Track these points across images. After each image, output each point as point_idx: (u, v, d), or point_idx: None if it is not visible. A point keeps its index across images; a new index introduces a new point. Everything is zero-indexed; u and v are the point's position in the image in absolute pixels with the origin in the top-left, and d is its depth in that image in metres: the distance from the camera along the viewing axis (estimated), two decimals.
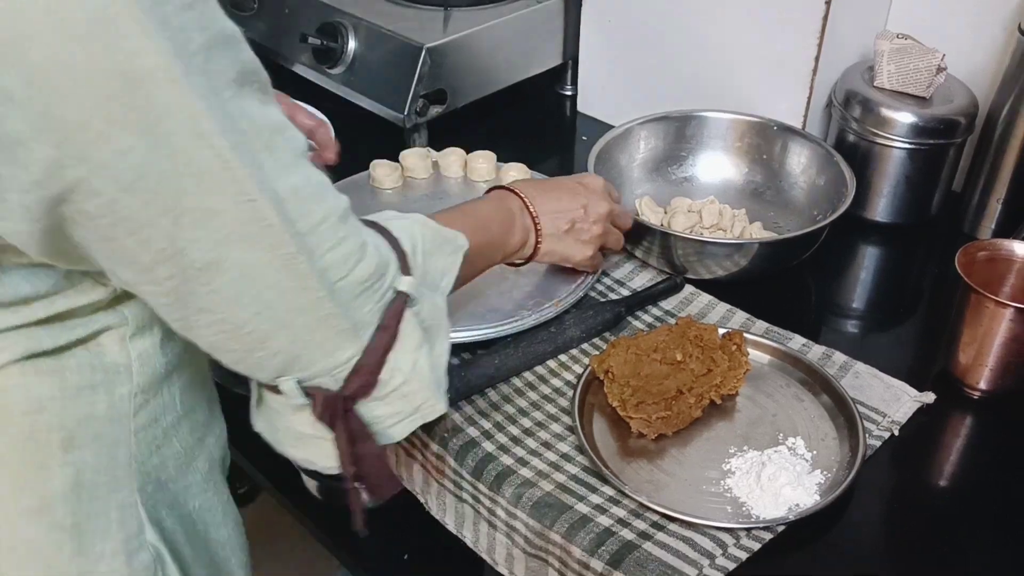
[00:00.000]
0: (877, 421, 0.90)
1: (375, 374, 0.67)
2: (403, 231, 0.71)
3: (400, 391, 0.69)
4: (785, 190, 1.20)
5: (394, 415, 0.71)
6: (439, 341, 0.74)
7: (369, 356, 0.66)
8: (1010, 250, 0.96)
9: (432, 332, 0.72)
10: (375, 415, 0.70)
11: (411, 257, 0.70)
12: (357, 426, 0.69)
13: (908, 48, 1.13)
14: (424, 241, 0.73)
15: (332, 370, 0.65)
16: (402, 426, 0.72)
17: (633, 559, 0.76)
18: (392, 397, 0.69)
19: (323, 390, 0.66)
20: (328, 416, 0.67)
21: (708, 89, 1.27)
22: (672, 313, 1.04)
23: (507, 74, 1.38)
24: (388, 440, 0.72)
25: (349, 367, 0.66)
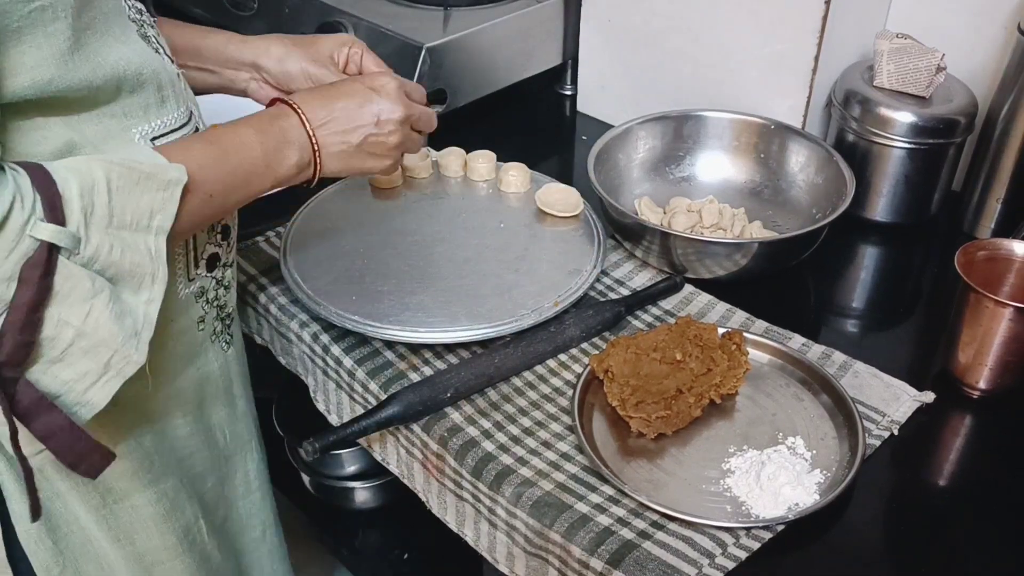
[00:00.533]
0: (877, 420, 0.90)
1: (31, 333, 0.62)
2: (70, 171, 0.64)
3: (77, 346, 0.65)
4: (784, 190, 1.20)
5: (82, 376, 0.66)
6: (143, 288, 0.68)
7: (15, 314, 0.61)
8: (1009, 249, 0.96)
9: (125, 278, 0.67)
10: (61, 380, 0.65)
11: (72, 200, 0.63)
12: (30, 398, 0.64)
13: (908, 48, 1.13)
14: (111, 179, 0.66)
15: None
16: (99, 388, 0.67)
17: (633, 558, 0.76)
18: (72, 355, 0.65)
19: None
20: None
21: (708, 89, 1.27)
22: (672, 313, 1.04)
23: (507, 74, 1.38)
24: (92, 409, 0.67)
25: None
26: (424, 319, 0.96)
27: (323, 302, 0.98)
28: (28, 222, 0.61)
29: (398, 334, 0.95)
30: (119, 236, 0.66)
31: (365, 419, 0.88)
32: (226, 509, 0.98)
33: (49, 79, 0.65)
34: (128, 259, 0.67)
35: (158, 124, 0.76)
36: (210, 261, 0.86)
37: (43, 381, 0.64)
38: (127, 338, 0.67)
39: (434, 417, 0.90)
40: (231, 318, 0.92)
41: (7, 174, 0.61)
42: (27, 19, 0.63)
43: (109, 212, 0.65)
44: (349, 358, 0.96)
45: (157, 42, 0.79)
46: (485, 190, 1.17)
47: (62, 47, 0.65)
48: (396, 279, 1.01)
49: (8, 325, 0.61)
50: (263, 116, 0.83)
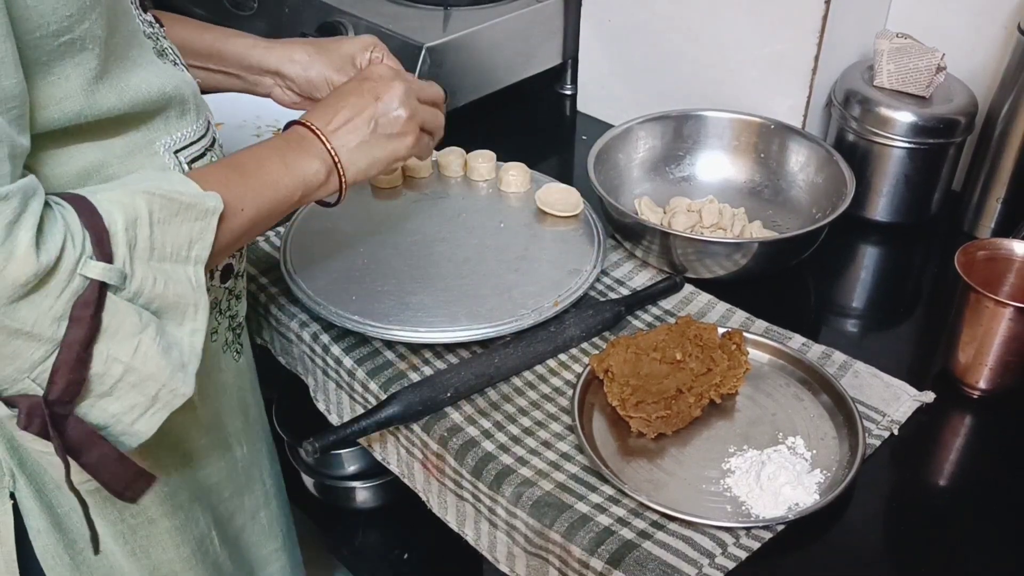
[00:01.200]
0: (877, 420, 0.90)
1: (82, 370, 0.63)
2: (114, 204, 0.64)
3: (127, 381, 0.65)
4: (784, 189, 1.20)
5: (130, 409, 0.66)
6: (187, 320, 0.69)
7: (67, 352, 0.62)
8: (1010, 249, 0.96)
9: (169, 311, 0.67)
10: (110, 414, 0.66)
11: (118, 235, 0.63)
12: (79, 433, 0.64)
13: (908, 47, 1.13)
14: (153, 211, 0.66)
15: (26, 373, 0.61)
16: (146, 420, 0.67)
17: (633, 558, 0.76)
18: (120, 389, 0.65)
19: (27, 396, 0.62)
20: (37, 425, 0.62)
21: (708, 88, 1.27)
22: (672, 312, 1.04)
23: (507, 73, 1.38)
24: (138, 439, 0.68)
25: (47, 368, 0.62)
26: (424, 319, 0.96)
27: (323, 302, 0.98)
28: (79, 261, 0.61)
29: (398, 334, 0.95)
30: (161, 268, 0.66)
31: (365, 419, 0.88)
32: (243, 519, 0.98)
33: (79, 111, 0.66)
34: (172, 291, 0.67)
35: (179, 136, 0.76)
36: (224, 272, 0.86)
37: (91, 415, 0.65)
38: (174, 371, 0.67)
39: (434, 417, 0.90)
40: (242, 327, 0.92)
41: (55, 211, 0.61)
42: (56, 52, 0.63)
43: (151, 245, 0.66)
44: (349, 358, 0.96)
45: (173, 53, 0.79)
46: (485, 190, 1.17)
47: (89, 77, 0.66)
48: (396, 279, 1.01)
49: (60, 363, 0.61)
50: (277, 138, 0.84)
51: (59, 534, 0.80)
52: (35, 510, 0.78)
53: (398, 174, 1.18)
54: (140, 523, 0.84)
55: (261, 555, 1.02)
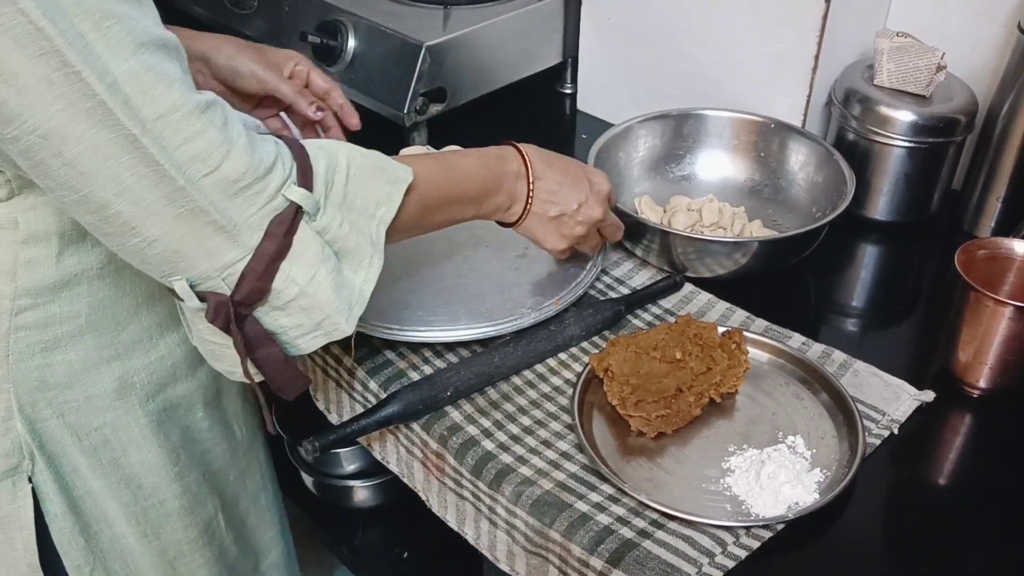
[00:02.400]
0: (876, 419, 0.90)
1: (267, 281, 0.69)
2: (321, 150, 0.72)
3: (298, 303, 0.71)
4: (784, 188, 1.20)
5: (297, 327, 0.73)
6: (361, 267, 0.75)
7: (257, 262, 0.68)
8: (1010, 248, 0.96)
9: (348, 255, 0.74)
10: (279, 324, 0.72)
11: (320, 175, 0.71)
12: (255, 332, 0.71)
13: (908, 46, 1.13)
14: (351, 164, 0.74)
15: (219, 272, 0.68)
16: (308, 339, 0.74)
17: (633, 557, 0.76)
18: (292, 308, 0.71)
19: (216, 294, 0.69)
20: (222, 320, 0.69)
21: (708, 88, 1.27)
22: (672, 311, 1.04)
23: (507, 72, 1.38)
24: (297, 351, 0.74)
25: (237, 271, 0.68)
26: (424, 318, 0.96)
27: None
28: (285, 183, 0.68)
29: (397, 333, 0.95)
30: (349, 216, 0.73)
31: (365, 418, 0.88)
32: (247, 503, 1.01)
33: None
34: (353, 238, 0.73)
35: None
36: None
37: (265, 320, 0.71)
38: (340, 307, 0.73)
39: (434, 416, 0.90)
40: None
41: (269, 137, 0.69)
42: None
43: (344, 192, 0.73)
44: (349, 357, 0.96)
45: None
46: None
47: None
48: (394, 277, 1.01)
49: (249, 270, 0.68)
50: (490, 152, 0.90)
51: (75, 516, 0.83)
52: (52, 494, 0.81)
53: None
54: (151, 505, 0.88)
55: (263, 541, 1.06)
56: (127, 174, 0.62)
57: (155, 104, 0.61)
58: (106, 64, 0.59)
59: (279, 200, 0.68)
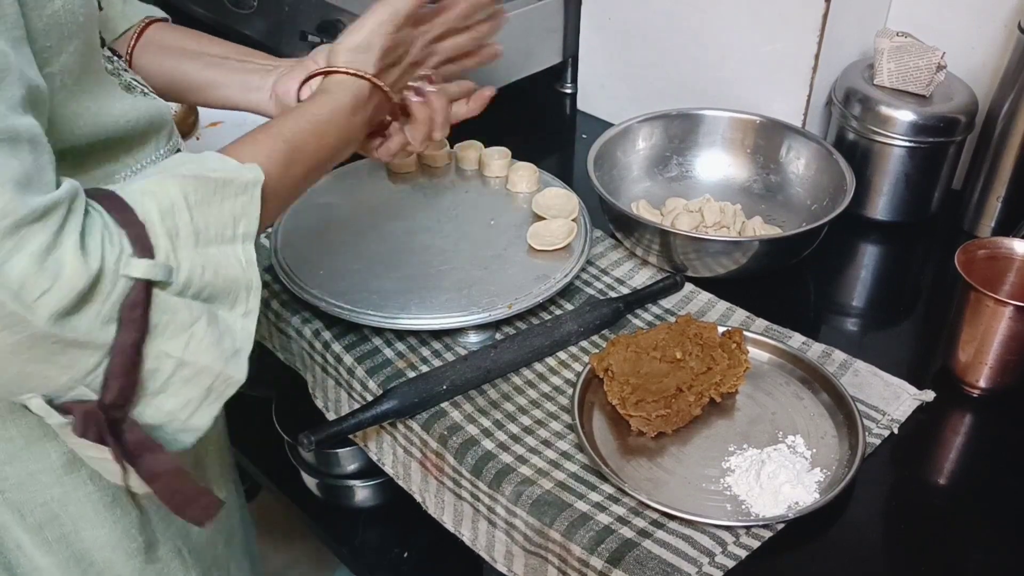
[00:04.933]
0: (877, 419, 0.90)
1: (136, 370, 0.61)
2: (145, 195, 0.61)
3: (180, 376, 0.63)
4: (785, 188, 1.20)
5: (185, 405, 0.64)
6: (238, 302, 0.66)
7: (119, 356, 0.59)
8: (1010, 248, 0.96)
9: (220, 295, 0.65)
10: (165, 411, 0.63)
11: (155, 225, 0.60)
12: (136, 437, 0.62)
13: (908, 46, 1.13)
14: (188, 194, 0.63)
15: (79, 381, 0.59)
16: (202, 414, 0.65)
17: (633, 557, 0.76)
18: (174, 385, 0.63)
19: (81, 402, 0.60)
20: (93, 432, 0.60)
21: (708, 87, 1.27)
22: (672, 311, 1.04)
23: (507, 72, 1.38)
24: (196, 434, 0.66)
25: (100, 373, 0.59)
26: (377, 302, 0.97)
27: (289, 268, 1.01)
28: (120, 260, 0.58)
29: (344, 313, 0.96)
30: (208, 253, 0.64)
31: (362, 413, 0.88)
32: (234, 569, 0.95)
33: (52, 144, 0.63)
34: (222, 276, 0.64)
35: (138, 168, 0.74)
36: None
37: (146, 414, 0.63)
38: (227, 359, 0.65)
39: (434, 416, 0.90)
40: None
41: (90, 211, 0.58)
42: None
43: (194, 230, 0.63)
44: (349, 355, 0.97)
45: (140, 84, 0.77)
46: (493, 186, 1.18)
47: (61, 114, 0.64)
48: (368, 261, 1.03)
49: (113, 367, 0.59)
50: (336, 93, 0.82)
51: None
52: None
53: (413, 159, 1.18)
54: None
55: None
56: None
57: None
58: None
59: (122, 283, 0.58)
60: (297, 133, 0.75)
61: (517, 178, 1.16)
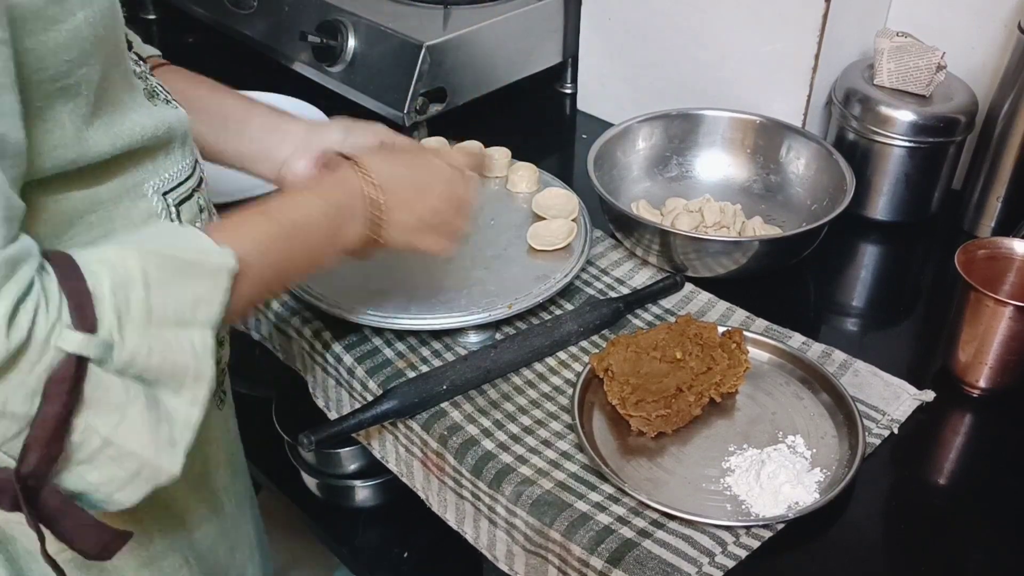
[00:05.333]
0: (876, 419, 0.90)
1: (59, 443, 0.56)
2: (103, 264, 0.58)
3: (106, 454, 0.59)
4: (785, 188, 1.20)
5: (109, 481, 0.60)
6: (184, 388, 0.61)
7: (41, 429, 0.55)
8: (1010, 248, 0.96)
9: (165, 379, 0.60)
10: (87, 481, 0.60)
11: (104, 299, 0.57)
12: (55, 503, 0.59)
13: (908, 46, 1.13)
14: (149, 271, 0.59)
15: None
16: (127, 492, 0.61)
17: (633, 557, 0.76)
18: (99, 460, 0.59)
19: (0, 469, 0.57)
20: (8, 501, 0.57)
21: (708, 87, 1.27)
22: (672, 311, 1.04)
23: (507, 72, 1.38)
24: (118, 507, 0.62)
25: (19, 442, 0.56)
26: (378, 302, 0.97)
27: None
28: (53, 330, 0.54)
29: (344, 313, 0.96)
30: (159, 335, 0.59)
31: (361, 413, 0.88)
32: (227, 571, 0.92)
33: (72, 159, 0.62)
34: (170, 360, 0.60)
35: (167, 177, 0.72)
36: None
37: (68, 481, 0.59)
38: (160, 449, 0.60)
39: (434, 415, 0.90)
40: (224, 373, 0.86)
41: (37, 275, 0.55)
42: (52, 96, 0.60)
43: (147, 308, 0.59)
44: (349, 355, 0.97)
45: (164, 91, 0.76)
46: (493, 186, 1.18)
47: (80, 124, 0.62)
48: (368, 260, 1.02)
49: (33, 439, 0.56)
50: (327, 184, 0.79)
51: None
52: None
53: None
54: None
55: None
56: None
57: None
58: None
59: (51, 354, 0.54)
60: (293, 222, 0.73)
61: (517, 178, 1.16)
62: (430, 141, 1.20)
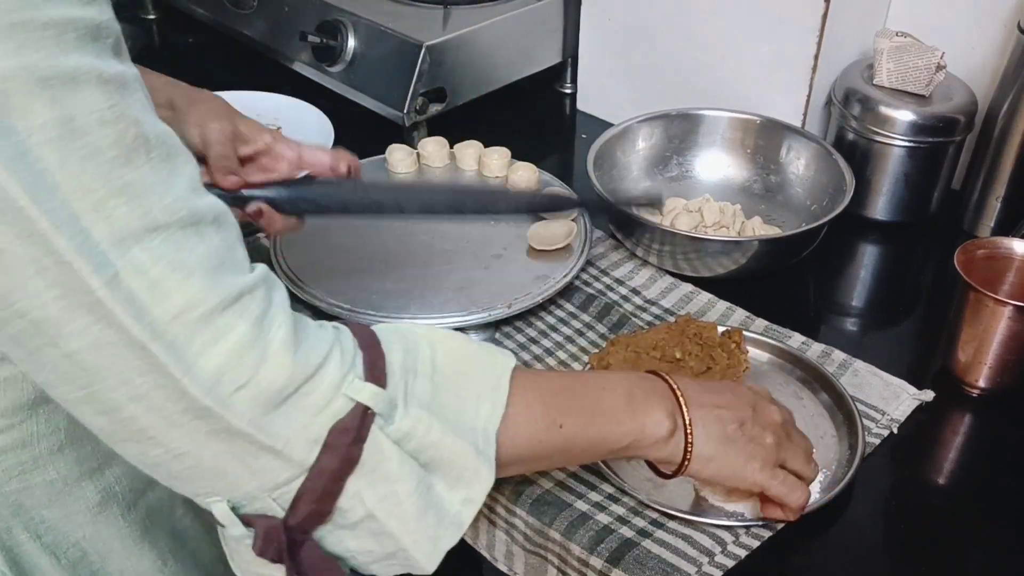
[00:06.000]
0: (876, 419, 0.90)
1: (330, 501, 0.57)
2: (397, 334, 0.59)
3: (367, 527, 0.59)
4: (784, 188, 1.20)
5: (366, 552, 0.60)
6: (460, 484, 0.60)
7: (315, 480, 0.56)
8: (1009, 248, 0.96)
9: (442, 467, 0.60)
10: (346, 547, 0.60)
11: (395, 364, 0.58)
12: (313, 558, 0.59)
13: (907, 46, 1.13)
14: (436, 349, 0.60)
15: (269, 492, 0.56)
16: (382, 566, 0.61)
17: (632, 556, 0.76)
18: (361, 531, 0.59)
19: (265, 517, 0.57)
20: (273, 551, 0.57)
21: (707, 87, 1.27)
22: (672, 311, 1.04)
23: (507, 72, 1.38)
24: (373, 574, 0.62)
25: (291, 490, 0.56)
26: (378, 302, 0.97)
27: (291, 268, 1.00)
28: (346, 378, 0.55)
29: (344, 313, 0.96)
30: (442, 415, 0.59)
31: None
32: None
33: None
34: (448, 446, 0.59)
35: None
36: None
37: (327, 541, 0.59)
38: (421, 539, 0.59)
39: None
40: None
41: (325, 324, 0.57)
42: None
43: (432, 386, 0.59)
44: None
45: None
46: None
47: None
48: (368, 260, 1.03)
49: (306, 490, 0.56)
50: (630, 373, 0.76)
51: None
52: None
53: (413, 159, 1.18)
54: None
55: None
56: (140, 380, 0.51)
57: (166, 302, 0.50)
58: (105, 254, 0.49)
59: (340, 402, 0.55)
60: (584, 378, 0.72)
61: (517, 178, 1.16)
62: (430, 141, 1.20)
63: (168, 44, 1.64)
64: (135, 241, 0.50)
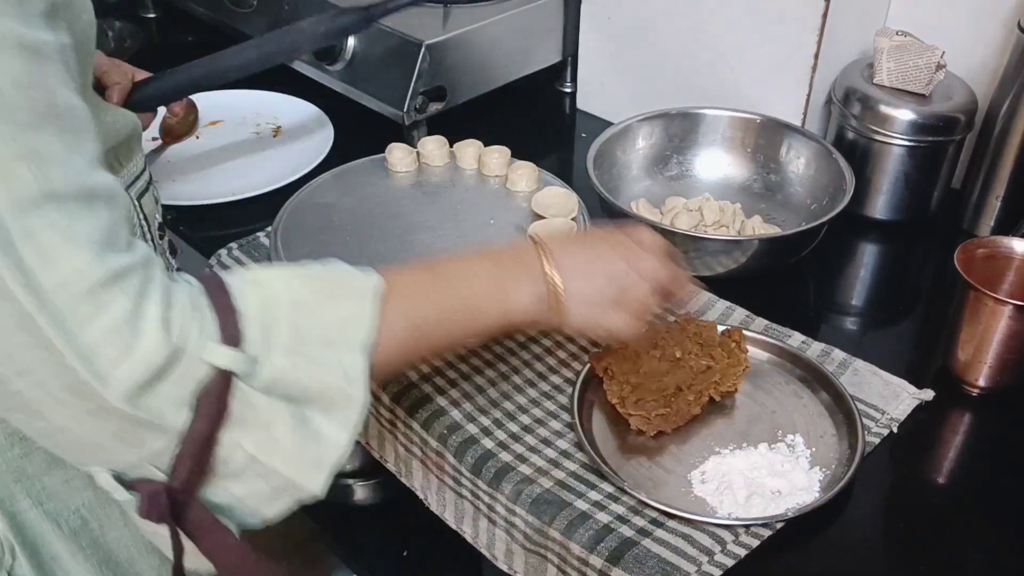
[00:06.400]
0: (876, 418, 0.90)
1: (206, 458, 0.59)
2: (247, 284, 0.60)
3: (252, 470, 0.60)
4: (784, 187, 1.20)
5: (255, 494, 0.62)
6: (335, 409, 0.62)
7: (190, 444, 0.57)
8: (1009, 247, 0.96)
9: (314, 398, 0.61)
10: (233, 495, 0.62)
11: (251, 318, 0.58)
12: (200, 519, 0.60)
13: (907, 45, 1.13)
14: (293, 291, 0.61)
15: (147, 460, 0.58)
16: (272, 505, 0.63)
17: (632, 556, 0.76)
18: (245, 475, 0.61)
19: (149, 482, 0.59)
20: (156, 513, 0.59)
21: (707, 86, 1.27)
22: (671, 310, 1.04)
23: (506, 71, 1.38)
24: (264, 522, 0.64)
25: (168, 455, 0.58)
26: None
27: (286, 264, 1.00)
28: (205, 346, 0.56)
29: None
30: (306, 353, 0.60)
31: None
32: None
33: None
34: (317, 379, 0.60)
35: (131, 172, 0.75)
36: None
37: (214, 494, 0.61)
38: (305, 468, 0.62)
39: (433, 414, 0.90)
40: None
41: (180, 283, 0.57)
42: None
43: (294, 327, 0.60)
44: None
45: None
46: (493, 186, 1.17)
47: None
48: (368, 260, 1.01)
49: (184, 454, 0.58)
50: (500, 250, 0.78)
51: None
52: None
53: (413, 158, 1.18)
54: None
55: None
56: (26, 355, 0.52)
57: (53, 271, 0.51)
58: (1, 217, 0.50)
59: (203, 369, 0.56)
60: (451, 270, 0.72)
61: (516, 177, 1.16)
62: (429, 140, 1.20)
63: (168, 42, 1.64)
64: (33, 207, 0.51)
